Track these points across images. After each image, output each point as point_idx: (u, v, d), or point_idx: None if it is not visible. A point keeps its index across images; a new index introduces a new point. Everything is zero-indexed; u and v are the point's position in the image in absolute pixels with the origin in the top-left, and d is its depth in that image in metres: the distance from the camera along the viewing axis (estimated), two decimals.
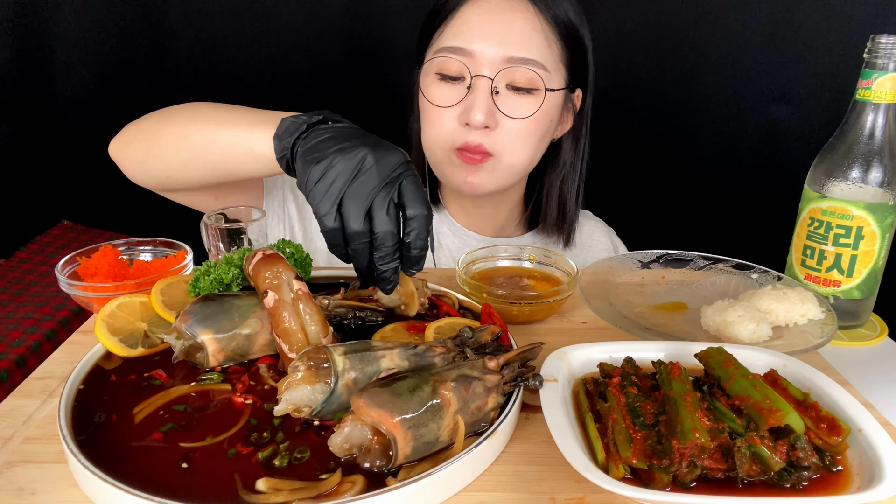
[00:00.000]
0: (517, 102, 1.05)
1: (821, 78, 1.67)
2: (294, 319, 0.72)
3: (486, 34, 1.03)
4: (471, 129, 1.05)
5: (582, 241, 1.32)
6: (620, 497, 0.58)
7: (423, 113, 1.12)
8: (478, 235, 1.25)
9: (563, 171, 1.21)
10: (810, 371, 0.70)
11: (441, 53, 1.06)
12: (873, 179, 0.93)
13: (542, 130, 1.10)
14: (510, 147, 1.07)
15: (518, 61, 1.03)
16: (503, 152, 1.07)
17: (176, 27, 1.88)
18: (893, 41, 0.88)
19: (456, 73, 1.06)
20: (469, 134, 1.06)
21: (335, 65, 1.89)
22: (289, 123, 0.83)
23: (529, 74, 1.04)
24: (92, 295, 0.83)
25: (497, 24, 1.03)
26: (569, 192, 1.22)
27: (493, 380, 0.65)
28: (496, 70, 1.03)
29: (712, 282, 1.01)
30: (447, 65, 1.06)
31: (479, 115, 1.03)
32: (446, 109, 1.07)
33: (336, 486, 0.56)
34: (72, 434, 0.62)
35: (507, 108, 1.05)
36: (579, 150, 1.21)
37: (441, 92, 1.07)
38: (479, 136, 1.05)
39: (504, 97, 1.05)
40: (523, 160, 1.11)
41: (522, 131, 1.07)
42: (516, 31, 1.03)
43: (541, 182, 1.24)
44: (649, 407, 0.64)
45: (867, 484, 0.55)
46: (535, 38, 1.04)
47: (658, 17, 1.76)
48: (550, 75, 1.06)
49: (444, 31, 1.08)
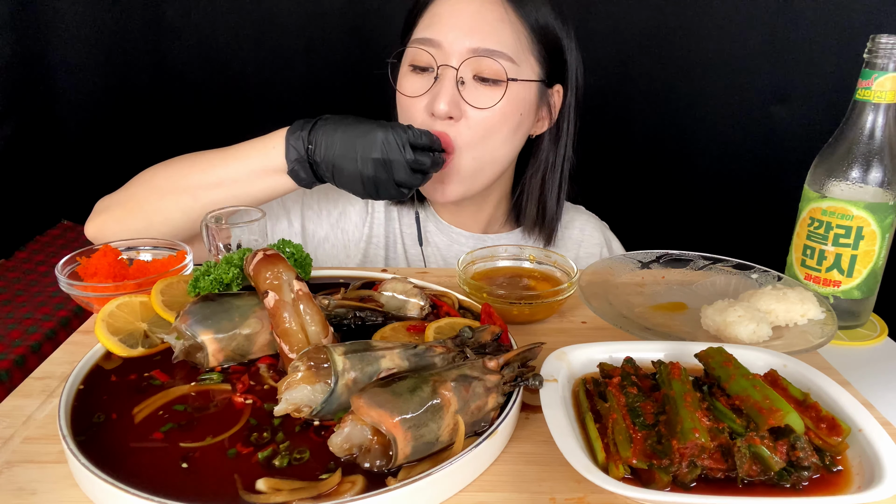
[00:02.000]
0: (483, 93, 1.05)
1: (821, 78, 1.67)
2: (294, 320, 0.72)
3: (454, 25, 1.05)
4: (436, 119, 1.05)
5: (574, 236, 1.32)
6: (620, 497, 0.58)
7: (398, 106, 1.13)
8: (465, 232, 1.26)
9: (543, 169, 1.20)
10: (810, 371, 0.70)
11: (413, 45, 1.08)
12: (873, 179, 0.93)
13: (511, 125, 1.09)
14: (474, 139, 1.07)
15: (484, 52, 1.04)
16: (467, 145, 1.07)
17: (176, 27, 1.88)
18: (893, 41, 0.88)
19: (426, 64, 1.07)
20: (435, 124, 1.06)
21: (335, 64, 1.89)
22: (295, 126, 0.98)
23: (496, 66, 1.04)
24: (92, 295, 0.83)
25: (466, 15, 1.05)
26: (549, 191, 1.21)
27: (493, 380, 0.65)
28: (462, 60, 1.04)
29: (712, 282, 1.01)
30: (418, 56, 1.07)
31: (442, 104, 1.03)
32: (415, 100, 1.08)
33: (336, 486, 0.56)
34: (72, 434, 0.62)
35: (472, 99, 1.05)
36: (560, 149, 1.20)
37: (411, 83, 1.09)
38: (443, 126, 1.05)
39: (470, 88, 1.05)
40: (489, 155, 1.10)
41: (487, 123, 1.06)
42: (484, 23, 1.04)
43: (521, 180, 1.24)
44: (649, 407, 0.64)
45: (867, 484, 0.55)
46: (502, 30, 1.05)
47: (658, 18, 1.76)
48: (518, 67, 1.06)
49: (419, 24, 1.10)
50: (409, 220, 1.26)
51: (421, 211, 1.25)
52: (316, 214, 1.22)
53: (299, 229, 1.21)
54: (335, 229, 1.23)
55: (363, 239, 1.24)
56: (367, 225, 1.24)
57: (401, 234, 1.26)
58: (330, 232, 1.23)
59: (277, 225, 1.20)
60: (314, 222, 1.22)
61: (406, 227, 1.26)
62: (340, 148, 0.96)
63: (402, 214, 1.26)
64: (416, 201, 1.24)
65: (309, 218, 1.22)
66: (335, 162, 0.97)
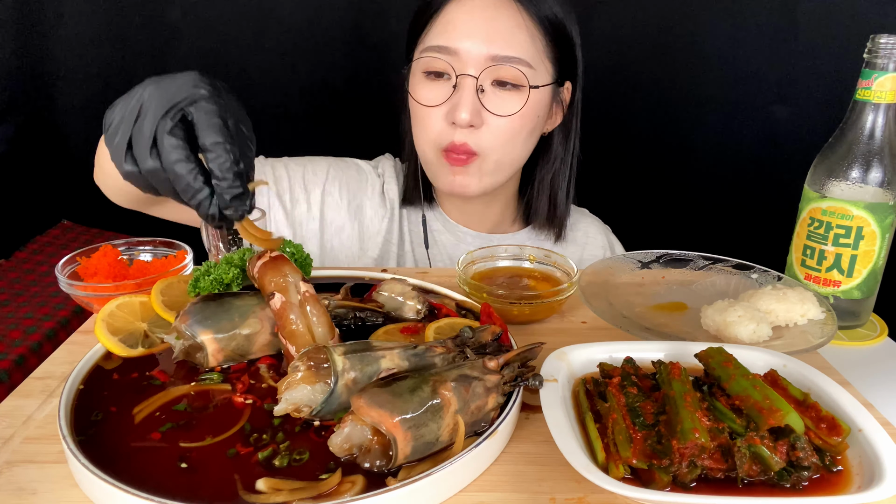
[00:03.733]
0: (503, 100, 1.06)
1: (821, 78, 1.67)
2: (301, 321, 0.72)
3: (470, 33, 1.04)
4: (457, 127, 1.06)
5: (578, 239, 1.32)
6: (620, 497, 0.58)
7: (413, 113, 1.13)
8: (472, 232, 1.26)
9: (554, 165, 1.21)
10: (810, 371, 0.70)
11: (427, 53, 1.08)
12: (873, 179, 0.93)
13: (530, 127, 1.10)
14: (496, 145, 1.08)
15: (502, 59, 1.04)
16: (489, 150, 1.08)
17: (176, 27, 1.88)
18: (893, 41, 0.88)
19: (441, 70, 1.07)
20: (455, 133, 1.07)
21: (336, 64, 1.89)
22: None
23: (514, 72, 1.05)
24: (92, 295, 0.83)
25: (481, 22, 1.04)
26: (559, 186, 1.23)
27: (493, 380, 0.65)
28: (481, 68, 1.04)
29: (712, 282, 1.01)
30: (433, 64, 1.07)
31: (464, 113, 1.04)
32: (434, 109, 1.08)
33: (336, 486, 0.56)
34: (72, 434, 0.62)
35: (493, 106, 1.06)
36: (569, 145, 1.21)
37: (428, 91, 1.09)
38: (464, 135, 1.06)
39: (489, 95, 1.06)
40: (510, 157, 1.12)
41: (508, 129, 1.07)
42: (500, 29, 1.04)
43: (532, 177, 1.25)
44: (649, 407, 0.64)
45: (867, 484, 0.55)
46: (519, 35, 1.05)
47: (658, 18, 1.76)
48: (535, 72, 1.07)
49: (430, 29, 1.09)
50: (416, 217, 1.27)
51: (428, 211, 1.26)
52: (336, 202, 1.22)
53: (318, 214, 1.21)
54: (353, 220, 1.23)
55: (380, 233, 1.24)
56: (386, 220, 1.24)
57: (409, 233, 1.26)
58: (347, 222, 1.23)
59: (297, 207, 1.20)
60: (333, 210, 1.22)
61: (414, 226, 1.27)
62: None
63: (410, 214, 1.27)
64: (422, 202, 1.24)
65: (328, 205, 1.22)
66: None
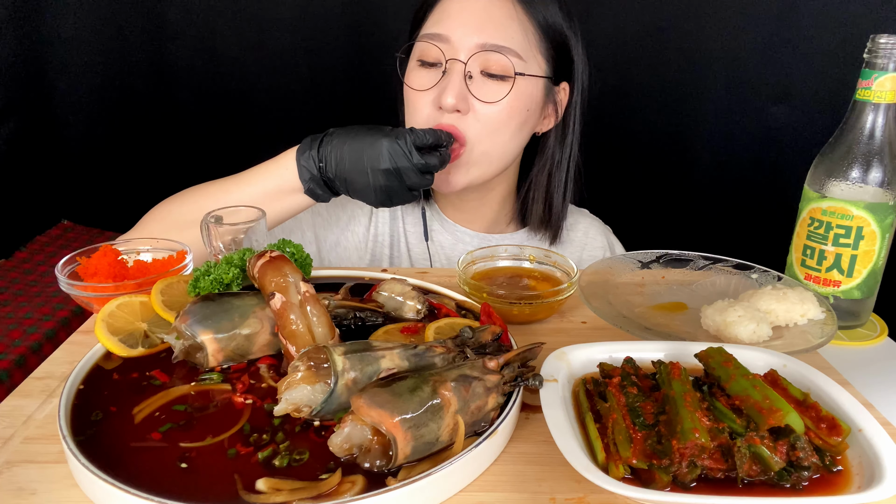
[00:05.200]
0: (491, 88, 1.07)
1: (821, 78, 1.67)
2: (301, 321, 0.72)
3: (463, 21, 1.06)
4: (444, 112, 1.07)
5: (578, 239, 1.32)
6: (620, 497, 0.58)
7: (406, 100, 1.15)
8: (469, 231, 1.26)
9: (549, 166, 1.22)
10: (810, 371, 0.70)
11: (422, 39, 1.10)
12: (873, 179, 0.93)
13: (518, 120, 1.10)
14: (482, 134, 1.08)
15: (491, 48, 1.05)
16: (475, 139, 1.08)
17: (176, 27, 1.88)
18: (893, 41, 0.88)
19: (434, 59, 1.08)
20: (442, 117, 1.07)
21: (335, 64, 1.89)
22: (303, 145, 1.00)
23: (503, 61, 1.05)
24: (92, 295, 0.83)
25: (475, 12, 1.06)
26: (555, 188, 1.22)
27: (493, 380, 0.65)
28: (470, 55, 1.05)
29: (712, 282, 1.01)
30: (427, 51, 1.09)
31: (450, 97, 1.04)
32: (423, 94, 1.09)
33: (336, 486, 0.56)
34: (72, 434, 0.62)
35: (480, 93, 1.06)
36: (566, 147, 1.21)
37: (419, 77, 1.10)
38: (451, 119, 1.07)
39: (478, 82, 1.07)
40: (498, 150, 1.12)
41: (495, 118, 1.08)
42: (492, 19, 1.06)
43: (528, 178, 1.25)
44: (649, 407, 0.64)
45: (867, 484, 0.55)
46: (510, 26, 1.06)
47: (658, 18, 1.76)
48: (525, 64, 1.08)
49: (427, 20, 1.11)
50: (412, 217, 1.27)
51: (427, 208, 1.27)
52: (325, 221, 1.25)
53: (312, 238, 1.23)
54: (345, 232, 1.25)
55: (370, 238, 1.26)
56: (374, 224, 1.26)
57: (404, 232, 1.27)
58: (341, 236, 1.25)
59: (291, 237, 1.21)
60: (325, 229, 1.25)
61: (410, 226, 1.27)
62: (350, 162, 0.98)
63: (406, 212, 1.28)
64: (421, 198, 1.26)
65: (320, 226, 1.24)
66: (347, 176, 0.99)
